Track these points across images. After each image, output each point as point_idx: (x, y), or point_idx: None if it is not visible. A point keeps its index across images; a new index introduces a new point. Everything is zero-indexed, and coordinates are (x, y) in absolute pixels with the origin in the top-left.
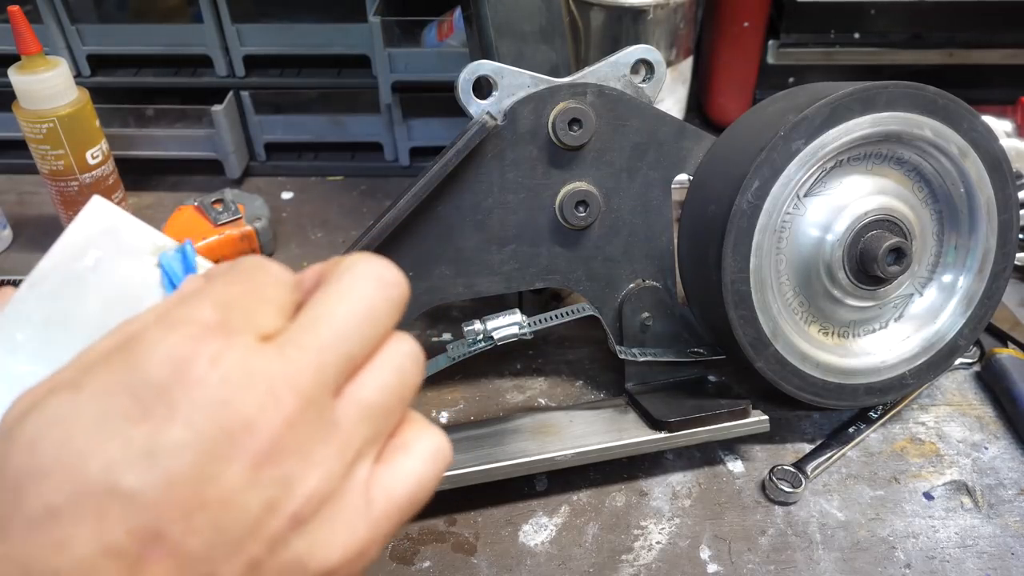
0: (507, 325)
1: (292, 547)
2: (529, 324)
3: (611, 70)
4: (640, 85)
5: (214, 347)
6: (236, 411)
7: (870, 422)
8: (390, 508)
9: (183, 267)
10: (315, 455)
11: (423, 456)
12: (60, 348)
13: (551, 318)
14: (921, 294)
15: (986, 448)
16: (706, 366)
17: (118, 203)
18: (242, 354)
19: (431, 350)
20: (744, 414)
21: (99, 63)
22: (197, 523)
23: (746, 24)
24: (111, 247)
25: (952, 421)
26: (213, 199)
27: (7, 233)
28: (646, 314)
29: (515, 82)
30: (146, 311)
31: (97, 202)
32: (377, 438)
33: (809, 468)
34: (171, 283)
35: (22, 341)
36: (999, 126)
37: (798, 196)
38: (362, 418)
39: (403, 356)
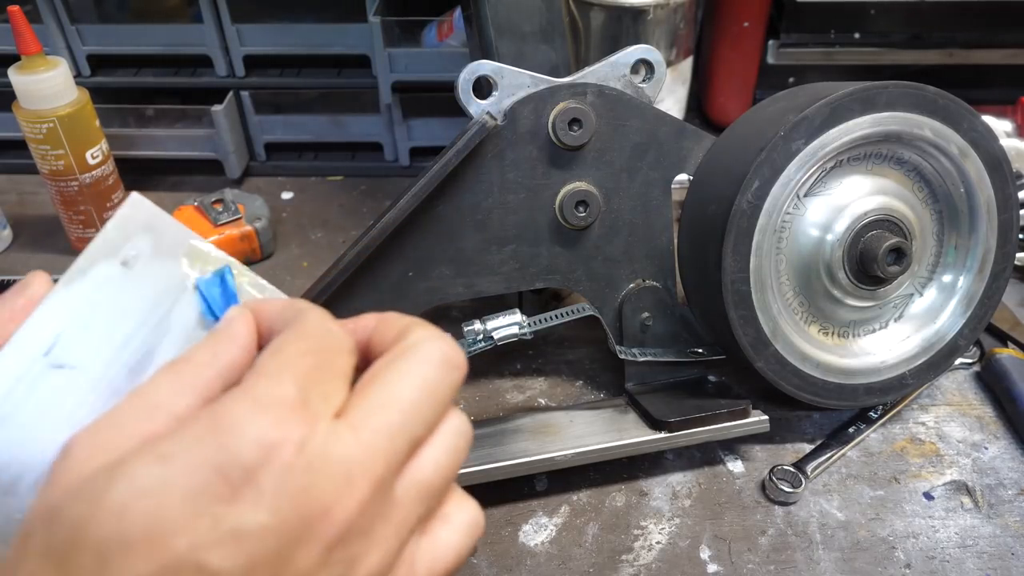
0: (507, 325)
1: None
2: (529, 324)
3: (611, 70)
4: (640, 85)
5: (300, 432)
6: (317, 498)
7: (870, 422)
8: None
9: (222, 294)
10: (377, 535)
11: (462, 528)
12: (94, 345)
13: (551, 318)
14: (921, 294)
15: (986, 448)
16: (706, 366)
17: (118, 203)
18: (324, 440)
19: None
20: (744, 414)
21: (99, 63)
22: None
23: (746, 24)
24: (147, 246)
25: (952, 421)
26: (213, 199)
27: (7, 233)
28: (646, 314)
29: (515, 82)
30: (215, 370)
31: (135, 200)
32: (428, 514)
33: (809, 468)
34: (211, 312)
35: (56, 337)
36: (999, 126)
37: (798, 196)
38: (419, 498)
39: (457, 435)
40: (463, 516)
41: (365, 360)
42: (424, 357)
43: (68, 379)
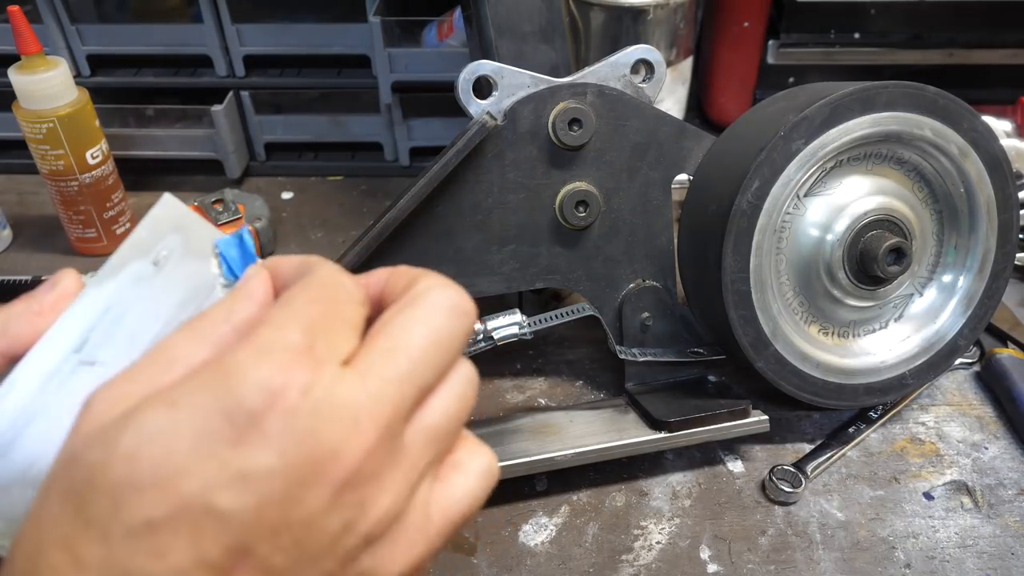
0: (507, 325)
1: (361, 563)
2: (529, 324)
3: (611, 70)
4: (640, 85)
5: (304, 377)
6: (323, 441)
7: (870, 422)
8: (446, 524)
9: (240, 255)
10: (387, 479)
11: (476, 474)
12: (124, 343)
13: (551, 318)
14: (921, 294)
15: (986, 448)
16: (706, 366)
17: (118, 203)
18: (329, 384)
19: None
20: (744, 414)
21: (99, 63)
22: (282, 542)
23: (746, 24)
24: (178, 246)
25: (952, 421)
26: (213, 199)
27: (7, 233)
28: (646, 314)
29: (515, 82)
30: (231, 325)
31: (167, 200)
32: (439, 460)
33: (809, 468)
34: (231, 270)
35: (88, 335)
36: (999, 126)
37: (798, 196)
38: (428, 443)
39: (465, 382)
40: (476, 463)
41: (379, 313)
42: (433, 304)
43: (99, 376)
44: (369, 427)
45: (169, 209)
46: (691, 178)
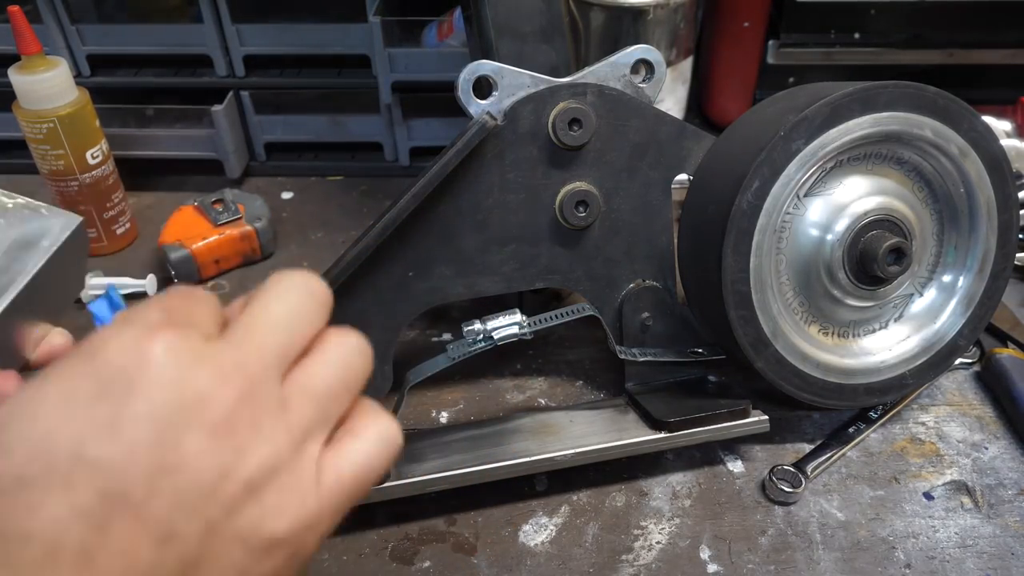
0: (507, 325)
1: (246, 513)
2: (529, 324)
3: (611, 70)
4: (640, 85)
5: (167, 336)
6: (191, 387)
7: (870, 422)
8: (339, 486)
9: (110, 307)
10: (265, 429)
11: (372, 440)
12: None
13: (551, 318)
14: (921, 294)
15: (986, 448)
16: (706, 366)
17: (118, 203)
18: (192, 343)
19: (431, 350)
20: (744, 414)
21: (99, 63)
22: (158, 486)
23: (746, 24)
24: None
25: (952, 421)
26: (213, 199)
27: None
28: (646, 314)
29: (515, 82)
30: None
31: None
32: (326, 421)
33: (809, 468)
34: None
35: None
36: (999, 126)
37: (798, 196)
38: (308, 401)
39: (348, 347)
40: (373, 430)
41: None
42: (281, 283)
43: None
44: (236, 376)
45: None
46: (691, 178)
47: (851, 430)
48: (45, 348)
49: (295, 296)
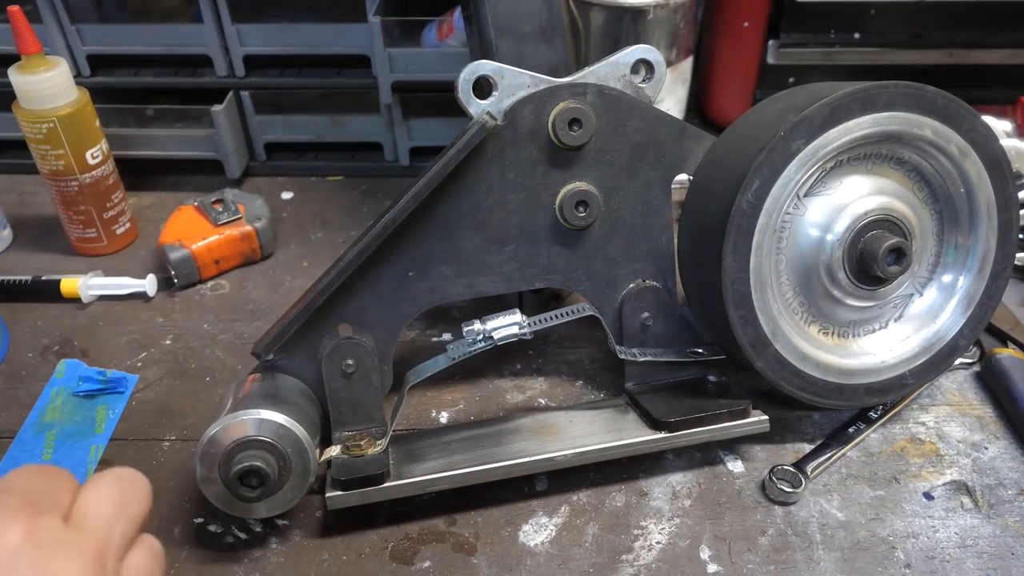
0: (507, 325)
1: None
2: (529, 324)
3: (611, 70)
4: (640, 85)
5: (26, 523)
6: (51, 570)
7: (870, 422)
8: None
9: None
10: None
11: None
12: None
13: (551, 318)
14: (921, 294)
15: (986, 448)
16: (706, 366)
17: (118, 203)
18: (51, 528)
19: (431, 350)
20: (744, 414)
21: (99, 63)
22: None
23: (746, 24)
24: None
25: (952, 421)
26: (213, 199)
27: (7, 233)
28: (646, 314)
29: (515, 82)
30: None
31: None
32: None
33: (809, 468)
34: None
35: None
36: (999, 126)
37: (798, 196)
38: None
39: (145, 551)
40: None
41: None
42: (105, 478)
43: None
44: (88, 558)
45: None
46: (691, 178)
47: (851, 430)
48: None
49: (115, 485)
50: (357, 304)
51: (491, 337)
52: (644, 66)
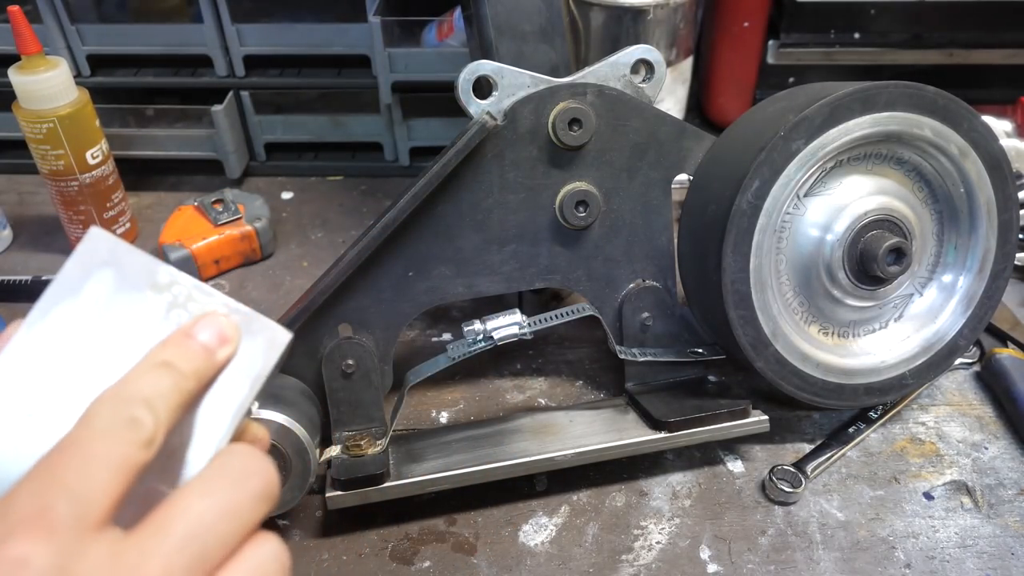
0: (507, 325)
1: None
2: (529, 324)
3: (611, 70)
4: (640, 85)
5: (26, 547)
6: None
7: (870, 422)
8: None
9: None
10: None
11: None
12: (59, 388)
13: (551, 318)
14: (921, 294)
15: (986, 448)
16: (706, 366)
17: (118, 203)
18: (59, 556)
19: (431, 350)
20: (744, 414)
21: (99, 63)
22: None
23: (746, 24)
24: (110, 281)
25: (952, 421)
26: (213, 199)
27: (7, 233)
28: (646, 314)
29: (515, 82)
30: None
31: (95, 234)
32: None
33: (809, 468)
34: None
35: (22, 382)
36: (999, 126)
37: (798, 196)
38: None
39: (266, 559)
40: None
41: None
42: (217, 469)
43: (37, 423)
44: None
45: (97, 242)
46: (691, 178)
47: (851, 430)
48: None
49: (229, 486)
50: (357, 304)
51: (491, 337)
52: (644, 66)
